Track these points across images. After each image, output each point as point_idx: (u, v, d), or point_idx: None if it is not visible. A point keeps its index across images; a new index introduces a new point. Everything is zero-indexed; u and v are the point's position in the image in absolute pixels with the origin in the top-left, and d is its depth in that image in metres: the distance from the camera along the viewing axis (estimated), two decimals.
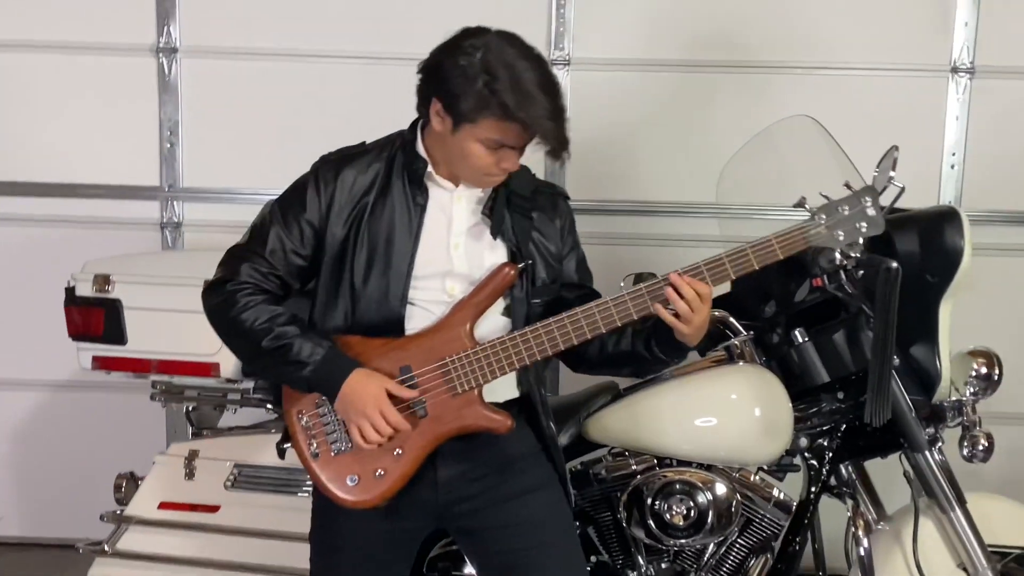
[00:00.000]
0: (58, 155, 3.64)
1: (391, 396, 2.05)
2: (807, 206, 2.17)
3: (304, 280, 2.17)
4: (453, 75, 1.99)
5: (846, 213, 2.14)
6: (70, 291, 2.77)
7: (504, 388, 2.17)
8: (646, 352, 2.17)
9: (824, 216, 2.14)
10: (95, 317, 2.73)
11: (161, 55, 3.57)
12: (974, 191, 3.54)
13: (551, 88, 2.01)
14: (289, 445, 2.16)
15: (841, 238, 2.14)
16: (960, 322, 3.53)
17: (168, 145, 3.61)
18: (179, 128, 3.60)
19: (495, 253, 2.15)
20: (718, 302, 2.65)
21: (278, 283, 2.13)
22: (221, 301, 2.10)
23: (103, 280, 2.73)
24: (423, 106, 2.09)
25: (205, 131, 3.61)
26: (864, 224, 2.14)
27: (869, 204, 2.13)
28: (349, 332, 2.11)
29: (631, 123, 3.55)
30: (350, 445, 2.09)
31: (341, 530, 2.18)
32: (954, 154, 3.53)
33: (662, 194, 3.55)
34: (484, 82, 1.96)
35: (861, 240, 2.15)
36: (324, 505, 2.16)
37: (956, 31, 3.48)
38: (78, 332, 2.76)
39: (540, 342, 2.08)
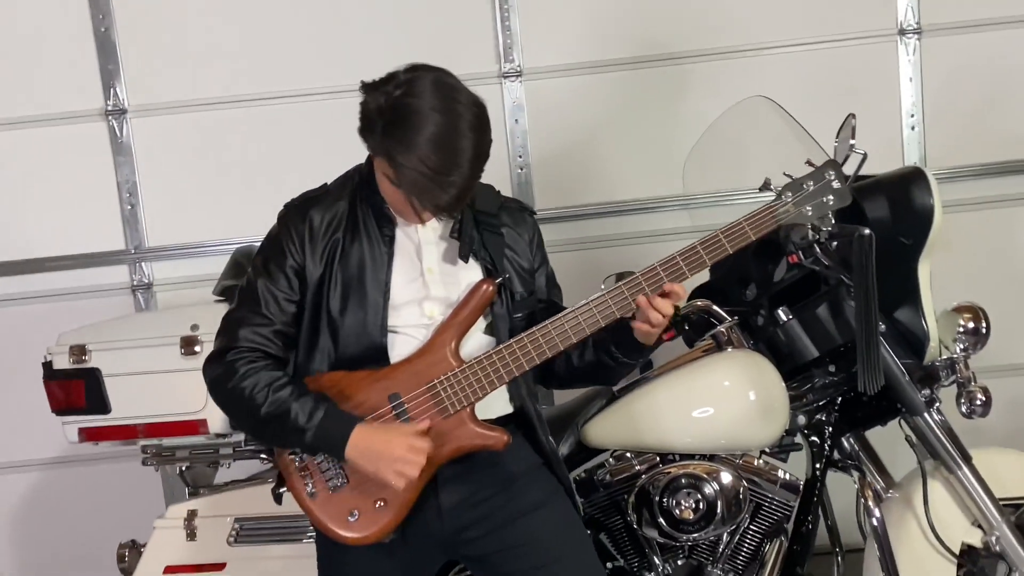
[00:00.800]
0: (20, 231, 3.59)
1: None
2: (772, 186, 2.17)
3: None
4: (368, 108, 1.96)
5: (811, 189, 2.16)
6: (47, 365, 2.72)
7: (497, 405, 2.15)
8: (609, 359, 2.16)
9: (790, 194, 2.15)
10: (75, 389, 2.68)
11: (111, 118, 3.53)
12: (937, 150, 3.54)
13: (451, 144, 1.92)
14: (285, 489, 2.12)
15: (810, 213, 2.16)
16: (943, 279, 3.53)
17: (129, 207, 3.57)
18: (138, 188, 3.56)
19: (470, 272, 2.13)
20: (699, 291, 2.65)
21: (281, 342, 2.10)
22: (221, 372, 2.08)
23: (79, 350, 2.69)
24: None
25: (164, 188, 3.57)
26: (831, 197, 2.16)
27: (833, 177, 2.15)
28: (333, 368, 2.09)
29: (590, 126, 3.54)
30: (346, 481, 2.06)
31: (349, 571, 2.14)
32: (912, 115, 3.53)
33: (630, 192, 3.53)
34: (384, 124, 1.93)
35: (830, 213, 2.17)
36: (329, 546, 2.13)
37: None
38: (61, 406, 2.71)
39: (526, 351, 2.07)
